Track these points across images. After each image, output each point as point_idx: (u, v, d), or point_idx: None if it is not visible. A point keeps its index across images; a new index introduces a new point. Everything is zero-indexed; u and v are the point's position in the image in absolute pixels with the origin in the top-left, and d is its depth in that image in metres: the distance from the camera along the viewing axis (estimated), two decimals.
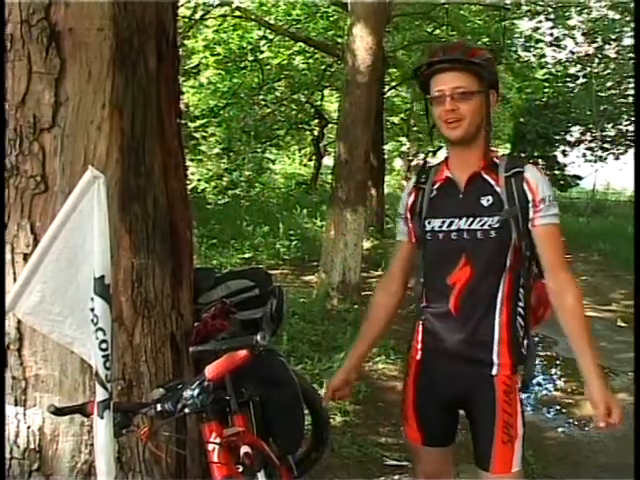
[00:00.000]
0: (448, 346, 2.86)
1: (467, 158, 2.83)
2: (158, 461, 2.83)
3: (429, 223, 2.88)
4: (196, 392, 2.43)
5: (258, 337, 2.45)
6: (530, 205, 2.74)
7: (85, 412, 2.46)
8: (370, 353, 7.19)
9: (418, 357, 2.99)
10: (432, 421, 2.97)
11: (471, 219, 2.78)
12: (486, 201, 2.78)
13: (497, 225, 2.74)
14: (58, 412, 2.50)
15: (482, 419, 2.83)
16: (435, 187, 2.91)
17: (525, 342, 2.86)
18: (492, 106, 2.81)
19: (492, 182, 2.79)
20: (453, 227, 2.82)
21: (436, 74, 2.77)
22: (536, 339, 6.63)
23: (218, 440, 2.52)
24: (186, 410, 2.43)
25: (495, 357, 2.79)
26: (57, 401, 2.75)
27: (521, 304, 2.83)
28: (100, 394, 2.15)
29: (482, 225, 2.76)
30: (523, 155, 27.52)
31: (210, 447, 2.53)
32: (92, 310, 2.12)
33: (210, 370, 2.48)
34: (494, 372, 2.80)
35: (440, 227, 2.84)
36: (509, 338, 2.80)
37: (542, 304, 2.91)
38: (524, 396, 2.94)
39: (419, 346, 2.99)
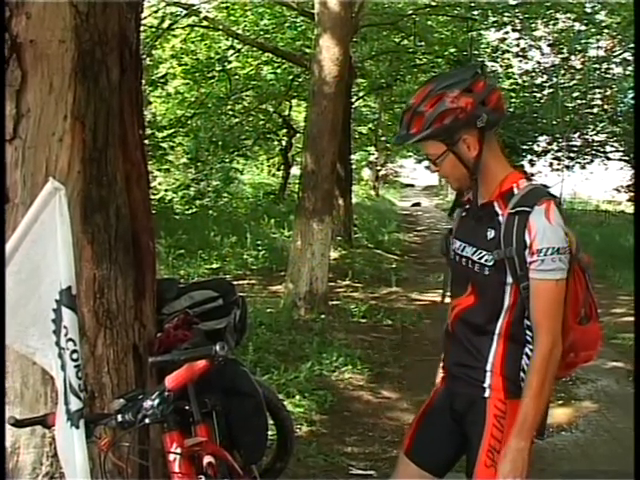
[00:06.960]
0: (448, 364, 2.87)
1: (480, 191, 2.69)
2: (120, 472, 2.83)
3: (453, 243, 2.81)
4: (156, 402, 2.43)
5: (217, 347, 2.45)
6: (527, 252, 2.52)
7: (46, 424, 2.45)
8: (337, 362, 7.33)
9: (442, 373, 2.97)
10: (427, 436, 2.89)
11: (474, 249, 2.67)
12: (490, 234, 2.62)
13: (491, 263, 2.60)
14: (19, 424, 2.49)
15: (470, 440, 2.73)
16: (465, 206, 2.82)
17: None
18: (473, 149, 2.58)
19: (500, 214, 2.61)
20: (464, 253, 2.72)
21: None
22: None
23: (179, 450, 2.52)
24: (146, 420, 2.43)
25: (488, 381, 2.66)
26: (18, 413, 2.74)
27: (530, 346, 2.62)
28: (74, 404, 2.13)
29: (480, 258, 2.64)
30: None
31: (171, 457, 2.52)
32: (54, 321, 2.13)
33: (170, 380, 2.48)
34: (486, 394, 2.67)
35: (457, 249, 2.77)
36: (504, 374, 2.65)
37: (574, 349, 2.70)
38: None
39: (443, 358, 2.97)
